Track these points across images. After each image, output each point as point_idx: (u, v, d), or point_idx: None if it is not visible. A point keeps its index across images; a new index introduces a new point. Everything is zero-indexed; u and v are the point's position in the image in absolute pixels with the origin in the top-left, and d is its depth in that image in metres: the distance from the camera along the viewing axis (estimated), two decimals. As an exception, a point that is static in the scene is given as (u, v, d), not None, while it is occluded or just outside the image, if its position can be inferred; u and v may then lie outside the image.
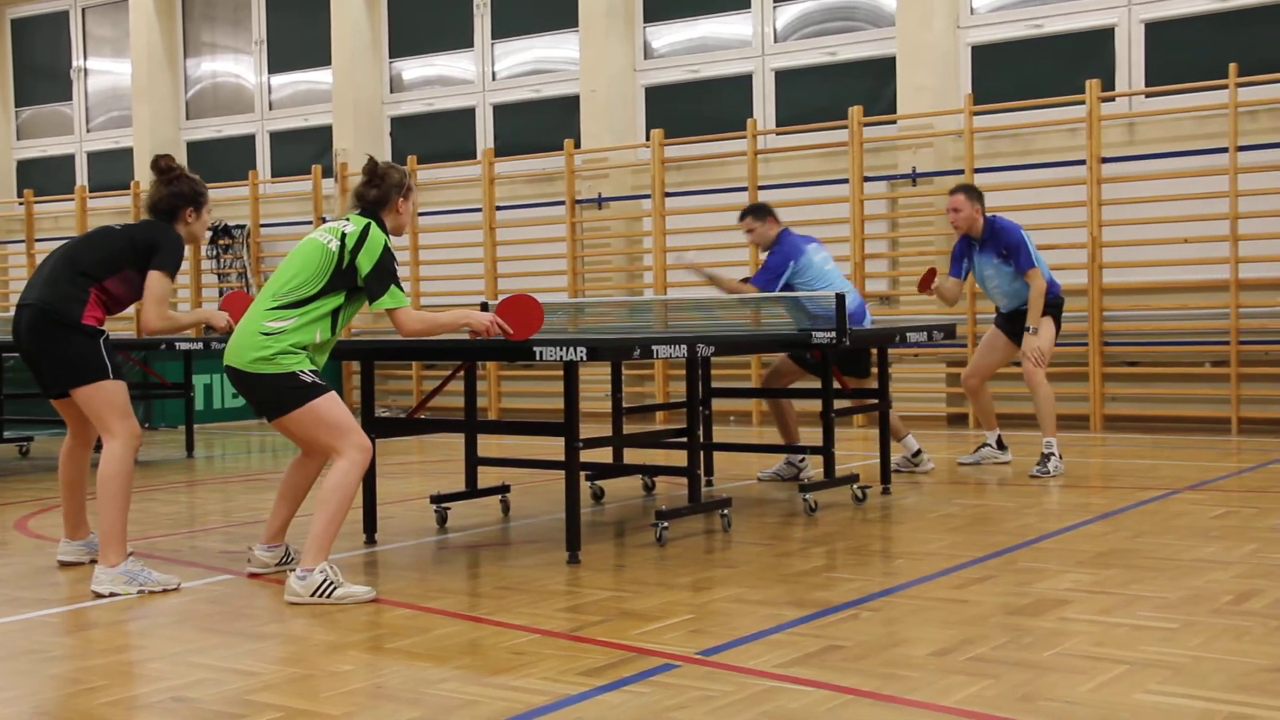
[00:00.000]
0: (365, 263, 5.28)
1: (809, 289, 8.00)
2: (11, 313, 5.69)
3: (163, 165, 5.71)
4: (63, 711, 3.74)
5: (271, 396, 5.23)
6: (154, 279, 5.49)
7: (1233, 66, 11.20)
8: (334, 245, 5.31)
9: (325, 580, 5.07)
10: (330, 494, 5.16)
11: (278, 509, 5.67)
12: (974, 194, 8.73)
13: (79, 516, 5.96)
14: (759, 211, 8.47)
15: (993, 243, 8.59)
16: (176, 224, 5.68)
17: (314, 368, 5.29)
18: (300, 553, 5.54)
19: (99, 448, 5.60)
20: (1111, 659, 4.00)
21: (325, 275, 5.27)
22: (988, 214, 8.73)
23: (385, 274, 5.30)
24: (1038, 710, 3.53)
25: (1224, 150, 11.29)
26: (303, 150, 17.29)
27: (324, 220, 5.61)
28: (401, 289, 5.36)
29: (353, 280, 5.31)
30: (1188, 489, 7.81)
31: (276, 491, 5.70)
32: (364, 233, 5.32)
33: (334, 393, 5.29)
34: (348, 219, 5.43)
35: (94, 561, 5.71)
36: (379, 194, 5.47)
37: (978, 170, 12.25)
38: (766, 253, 8.35)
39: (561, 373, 5.80)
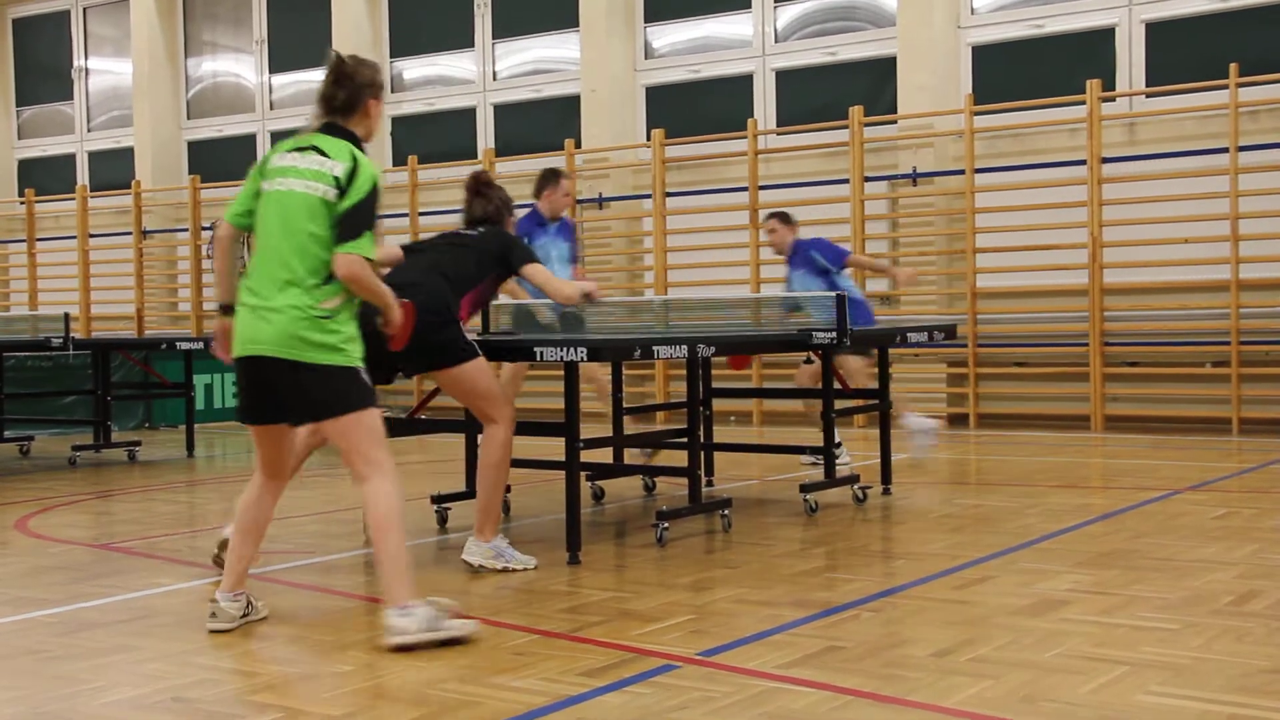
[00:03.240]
0: (350, 200, 4.46)
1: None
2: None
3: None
4: (63, 711, 3.74)
5: (327, 396, 4.46)
6: (534, 271, 5.81)
7: (1233, 66, 11.20)
8: (332, 195, 4.48)
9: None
10: (392, 520, 4.46)
11: (241, 547, 4.72)
12: (787, 218, 9.19)
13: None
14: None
15: (800, 255, 8.99)
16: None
17: None
18: (258, 603, 4.85)
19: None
20: (1112, 660, 4.00)
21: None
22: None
23: (366, 214, 4.46)
24: (1039, 711, 3.53)
25: (1225, 150, 11.29)
26: (303, 150, 17.26)
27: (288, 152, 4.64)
28: (374, 239, 4.52)
29: None
30: (1188, 489, 7.81)
31: (237, 527, 4.80)
32: (354, 170, 4.49)
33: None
34: (318, 149, 4.55)
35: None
36: (348, 96, 4.64)
37: (978, 170, 12.26)
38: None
39: (562, 373, 5.80)
